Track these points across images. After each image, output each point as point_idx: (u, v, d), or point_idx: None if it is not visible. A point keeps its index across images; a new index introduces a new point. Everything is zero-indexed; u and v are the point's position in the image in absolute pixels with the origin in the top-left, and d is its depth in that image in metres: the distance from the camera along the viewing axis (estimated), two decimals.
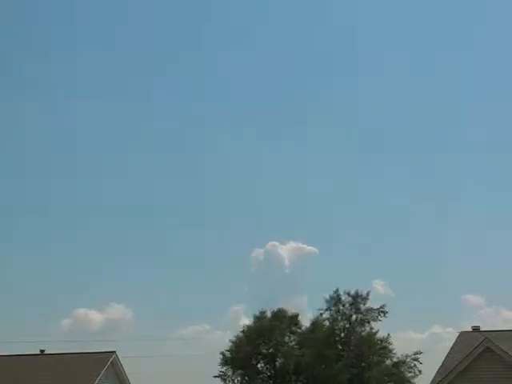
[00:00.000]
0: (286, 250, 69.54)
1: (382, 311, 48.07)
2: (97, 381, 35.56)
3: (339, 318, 48.47)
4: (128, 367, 39.02)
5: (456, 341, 33.58)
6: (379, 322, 48.38)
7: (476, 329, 34.09)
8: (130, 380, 39.13)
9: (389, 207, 74.50)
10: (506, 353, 28.14)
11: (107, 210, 78.50)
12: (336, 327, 48.51)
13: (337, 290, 48.45)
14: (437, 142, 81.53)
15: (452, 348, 32.96)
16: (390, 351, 47.65)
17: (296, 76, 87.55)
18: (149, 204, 77.51)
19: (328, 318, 48.77)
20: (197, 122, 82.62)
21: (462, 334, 34.01)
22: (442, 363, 31.72)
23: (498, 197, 76.12)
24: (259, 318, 50.35)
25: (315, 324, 49.20)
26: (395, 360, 47.33)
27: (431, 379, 31.13)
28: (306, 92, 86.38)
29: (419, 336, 68.72)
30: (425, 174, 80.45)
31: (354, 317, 48.32)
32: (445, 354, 32.56)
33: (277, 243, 68.15)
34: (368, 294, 48.40)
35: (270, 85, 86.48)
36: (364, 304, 48.30)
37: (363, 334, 47.99)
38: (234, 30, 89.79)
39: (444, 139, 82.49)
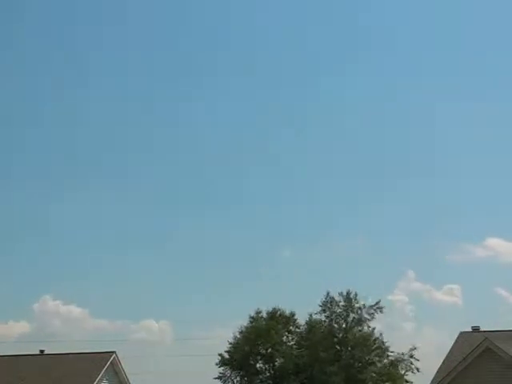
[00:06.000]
0: None
1: (378, 307, 48.26)
2: (97, 381, 35.48)
3: (335, 318, 48.68)
4: (128, 367, 39.04)
5: (456, 341, 33.57)
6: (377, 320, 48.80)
7: (476, 329, 34.11)
8: (129, 380, 39.10)
9: None
10: (506, 353, 28.11)
11: None
12: (333, 328, 48.68)
13: (328, 294, 48.66)
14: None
15: (452, 348, 32.96)
16: (387, 350, 47.81)
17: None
18: None
19: (324, 320, 48.98)
20: None
21: (462, 334, 33.99)
22: (442, 363, 31.72)
23: None
24: (255, 319, 50.50)
25: (311, 325, 49.35)
26: (391, 359, 47.51)
27: (431, 379, 31.15)
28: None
29: None
30: None
31: (350, 317, 48.51)
32: (445, 354, 32.60)
33: None
34: (356, 295, 48.56)
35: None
36: (357, 302, 48.50)
37: (359, 333, 48.14)
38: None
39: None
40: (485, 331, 32.66)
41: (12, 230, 72.16)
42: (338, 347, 48.48)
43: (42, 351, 40.37)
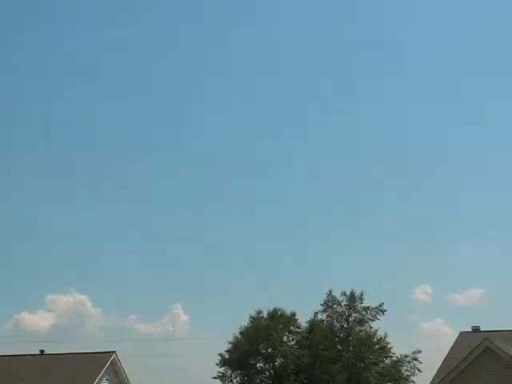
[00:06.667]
0: None
1: (380, 309, 48.20)
2: (97, 381, 35.49)
3: (336, 318, 48.64)
4: (128, 367, 39.05)
5: (456, 341, 33.55)
6: (379, 321, 48.78)
7: (476, 329, 34.06)
8: (129, 380, 39.09)
9: None
10: (506, 353, 28.08)
11: None
12: (334, 328, 48.64)
13: (330, 292, 48.57)
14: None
15: (452, 348, 32.92)
16: (389, 350, 47.77)
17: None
18: None
19: (325, 319, 48.94)
20: None
21: (462, 334, 33.97)
22: (442, 363, 31.70)
23: None
24: (256, 318, 50.47)
25: (312, 324, 49.34)
26: (394, 359, 47.45)
27: (431, 379, 31.14)
28: None
29: None
30: None
31: (352, 317, 48.47)
32: (445, 354, 32.58)
33: None
34: (362, 293, 48.51)
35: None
36: (361, 303, 48.45)
37: (361, 333, 48.11)
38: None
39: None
40: (485, 331, 32.61)
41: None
42: (340, 347, 48.42)
43: (41, 351, 40.30)
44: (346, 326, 48.73)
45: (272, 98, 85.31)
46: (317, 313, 49.54)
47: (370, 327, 48.77)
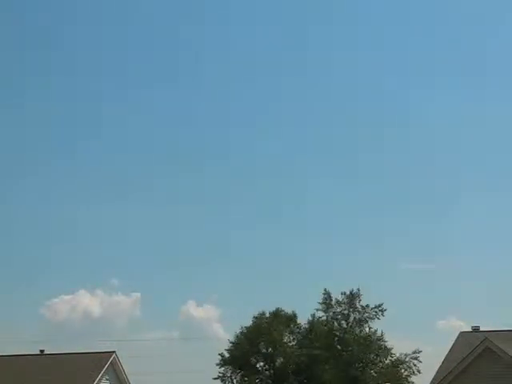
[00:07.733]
0: None
1: (380, 309, 48.19)
2: (97, 381, 35.53)
3: (336, 318, 48.65)
4: (128, 367, 39.05)
5: (456, 341, 33.56)
6: (378, 321, 48.78)
7: (476, 329, 34.07)
8: (129, 380, 39.10)
9: None
10: (506, 353, 28.08)
11: None
12: (334, 328, 48.66)
13: (326, 291, 48.57)
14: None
15: (452, 348, 32.94)
16: (389, 350, 47.80)
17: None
18: None
19: (325, 319, 48.95)
20: None
21: (462, 334, 33.98)
22: (442, 363, 31.71)
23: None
24: (258, 318, 50.49)
25: (312, 325, 49.36)
26: (393, 359, 47.46)
27: (431, 379, 31.15)
28: None
29: None
30: None
31: (351, 317, 48.48)
32: (445, 354, 32.59)
33: None
34: (359, 290, 48.48)
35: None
36: (359, 301, 48.46)
37: (361, 333, 48.14)
38: None
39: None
40: (485, 331, 32.62)
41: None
42: (339, 347, 48.45)
43: (41, 351, 40.34)
44: (345, 325, 48.75)
45: (272, 98, 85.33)
46: (314, 314, 49.58)
47: (370, 327, 48.81)
